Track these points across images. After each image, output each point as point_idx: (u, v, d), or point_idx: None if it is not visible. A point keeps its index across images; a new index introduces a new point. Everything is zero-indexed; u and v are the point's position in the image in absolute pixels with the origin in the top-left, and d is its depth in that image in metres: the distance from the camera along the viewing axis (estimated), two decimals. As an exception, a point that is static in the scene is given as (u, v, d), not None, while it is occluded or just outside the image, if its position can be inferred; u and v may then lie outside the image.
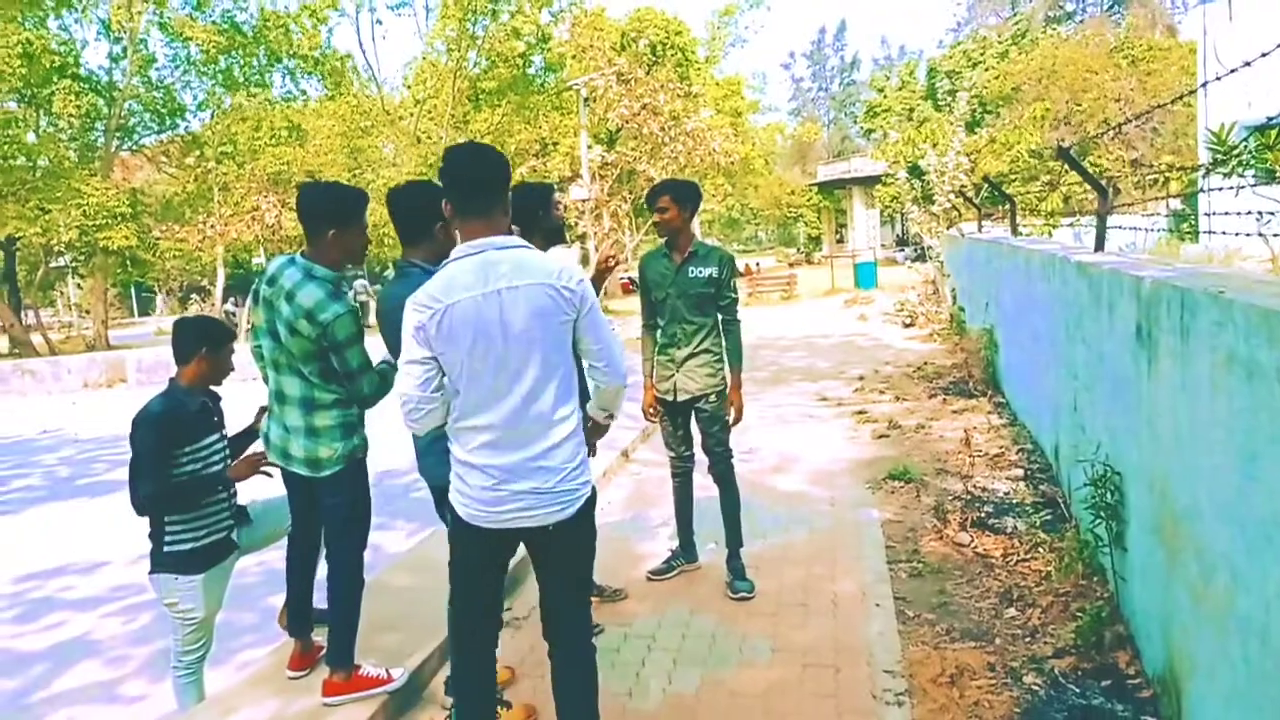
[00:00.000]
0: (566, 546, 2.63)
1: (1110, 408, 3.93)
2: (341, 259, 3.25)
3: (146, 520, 3.38)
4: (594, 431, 3.06)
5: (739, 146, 26.99)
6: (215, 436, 3.47)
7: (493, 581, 2.72)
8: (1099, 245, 4.89)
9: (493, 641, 2.79)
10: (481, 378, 2.43)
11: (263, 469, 3.45)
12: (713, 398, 4.39)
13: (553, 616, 2.73)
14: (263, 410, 3.63)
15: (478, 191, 2.47)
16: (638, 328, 4.66)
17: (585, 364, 2.68)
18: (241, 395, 4.40)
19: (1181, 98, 4.94)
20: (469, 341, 2.39)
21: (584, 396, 2.87)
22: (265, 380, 3.41)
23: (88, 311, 34.08)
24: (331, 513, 3.35)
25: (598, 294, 4.18)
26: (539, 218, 3.78)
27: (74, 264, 30.80)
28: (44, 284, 31.99)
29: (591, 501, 2.64)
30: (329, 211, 3.20)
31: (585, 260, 23.77)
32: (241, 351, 3.58)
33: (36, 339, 27.08)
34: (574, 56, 26.15)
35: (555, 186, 4.11)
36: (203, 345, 3.39)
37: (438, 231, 3.13)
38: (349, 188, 3.41)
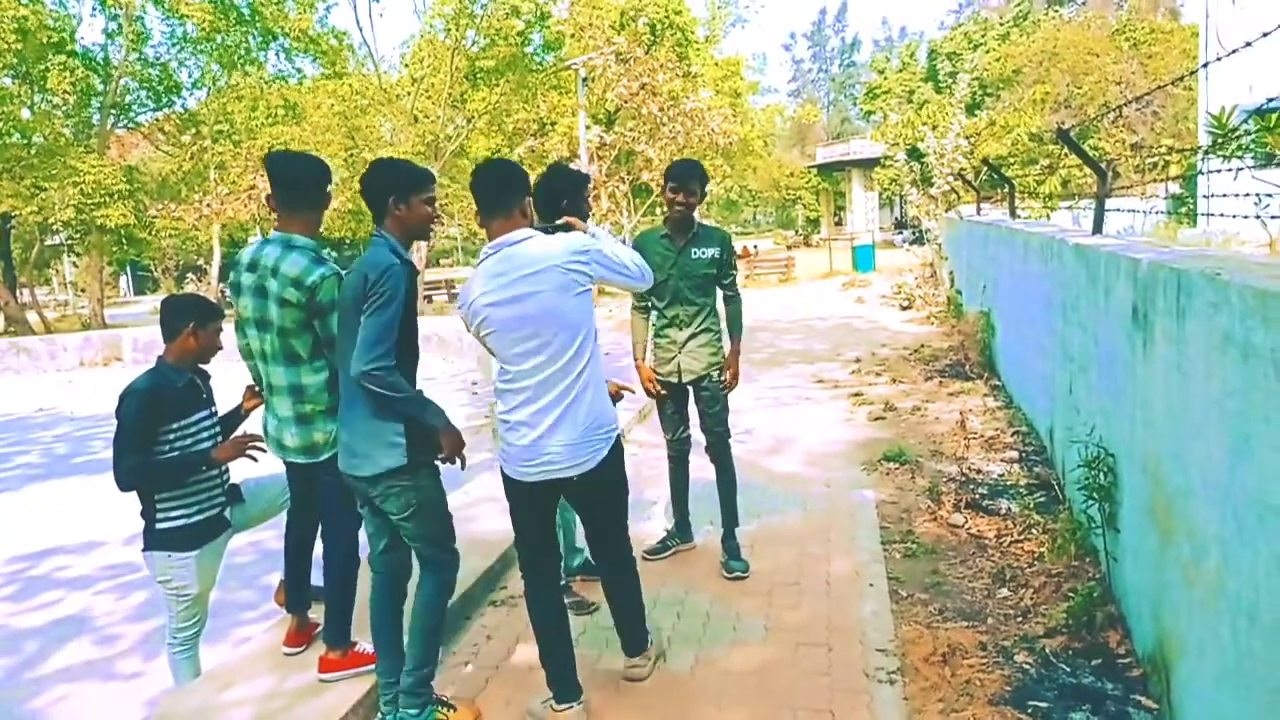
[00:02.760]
0: (596, 490, 3.11)
1: (1105, 390, 3.94)
2: (316, 226, 3.31)
3: (138, 498, 3.39)
4: None
5: (738, 127, 26.82)
6: (204, 413, 3.46)
7: (541, 524, 3.17)
8: (1097, 228, 4.88)
9: (556, 574, 3.32)
10: (516, 352, 2.90)
11: (249, 452, 3.44)
12: (715, 376, 4.40)
13: (596, 545, 3.35)
14: (250, 389, 3.63)
15: (493, 198, 2.97)
16: (628, 309, 4.62)
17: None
18: (231, 376, 4.39)
19: (1182, 79, 4.93)
20: (501, 326, 2.88)
21: None
22: (252, 375, 3.43)
23: (83, 290, 33.97)
24: (328, 491, 3.36)
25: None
26: (562, 208, 3.51)
27: (69, 242, 30.63)
28: (39, 262, 31.81)
29: (616, 450, 3.09)
30: (298, 179, 3.25)
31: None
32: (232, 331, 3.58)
33: (32, 317, 27.00)
34: (573, 35, 25.98)
35: (587, 178, 3.84)
36: (190, 321, 3.39)
37: (391, 206, 3.06)
38: (312, 156, 3.42)
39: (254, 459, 3.46)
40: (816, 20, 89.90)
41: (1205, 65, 3.65)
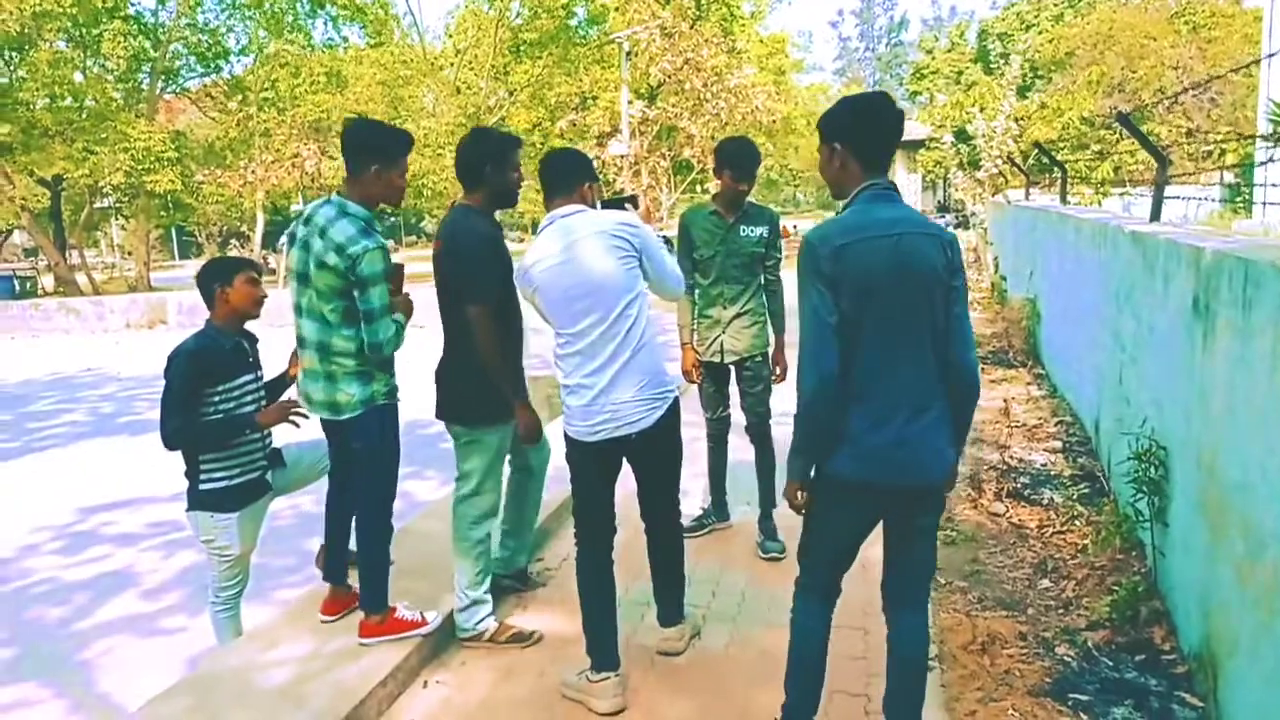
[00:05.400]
0: (653, 449, 3.18)
1: (1159, 381, 3.85)
2: (380, 197, 3.26)
3: (183, 458, 3.45)
4: None
5: (781, 106, 26.54)
6: (250, 376, 3.51)
7: (602, 488, 3.21)
8: (1155, 215, 4.76)
9: (610, 540, 3.26)
10: (568, 314, 3.01)
11: (291, 417, 3.47)
12: (758, 358, 4.36)
13: (648, 507, 3.36)
14: (294, 355, 3.66)
15: (558, 179, 3.16)
16: None
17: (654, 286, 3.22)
18: (279, 341, 4.44)
19: (1245, 67, 4.77)
20: (552, 289, 3.02)
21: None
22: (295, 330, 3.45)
23: (130, 253, 34.55)
24: (355, 457, 3.38)
25: None
26: (485, 175, 3.43)
27: (118, 205, 31.16)
28: (88, 224, 32.39)
29: (674, 410, 3.17)
30: (376, 147, 3.21)
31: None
32: (285, 297, 3.60)
33: (80, 278, 27.56)
34: (617, 9, 25.80)
35: (519, 142, 3.64)
36: (215, 283, 3.45)
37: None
38: (395, 127, 3.39)
39: (296, 424, 3.49)
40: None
41: (1270, 56, 3.53)
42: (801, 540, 2.71)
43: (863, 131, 2.45)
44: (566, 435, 3.17)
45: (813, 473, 2.52)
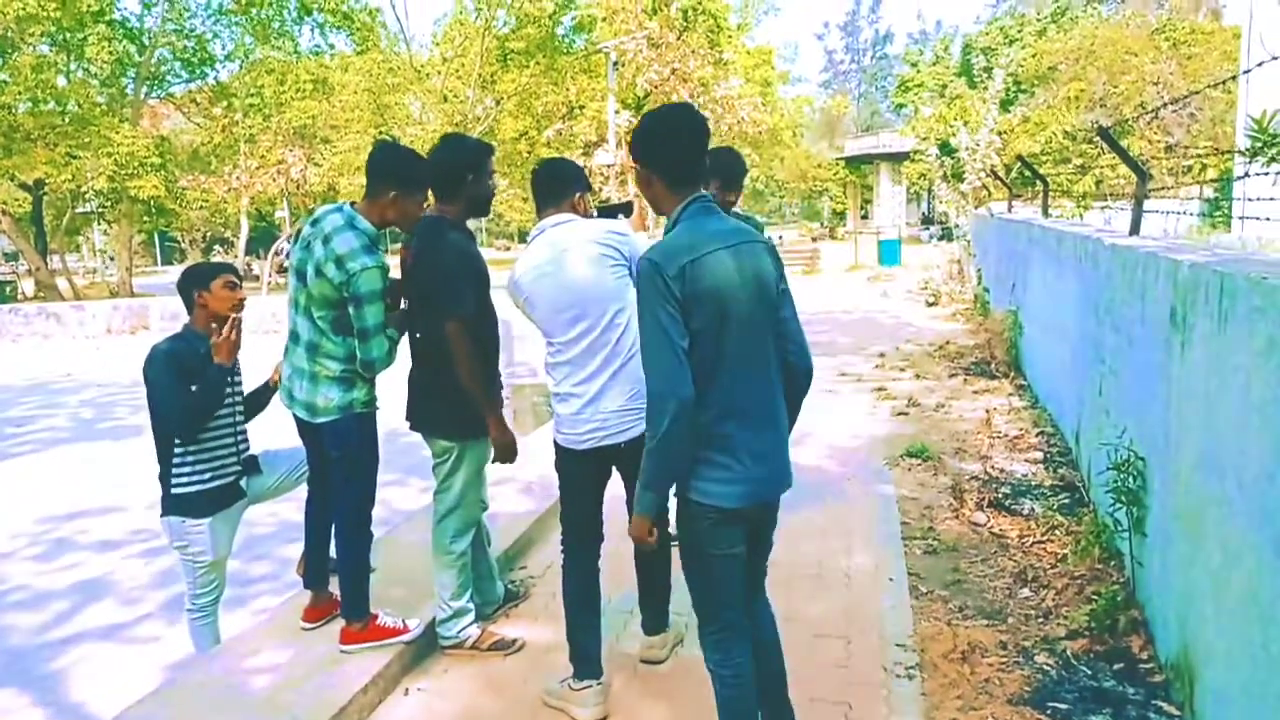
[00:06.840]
0: (641, 458, 2.97)
1: (1138, 392, 3.88)
2: (393, 222, 3.27)
3: (158, 460, 3.46)
4: None
5: (767, 117, 26.68)
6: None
7: (590, 496, 3.23)
8: (1135, 229, 4.81)
9: (597, 548, 3.27)
10: (558, 323, 3.04)
11: (234, 317, 3.46)
12: None
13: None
14: (278, 366, 3.66)
15: (548, 190, 3.18)
16: None
17: None
18: (264, 346, 4.42)
19: (1223, 82, 4.85)
20: (542, 298, 3.05)
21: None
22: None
23: (112, 258, 34.31)
24: (333, 466, 3.38)
25: None
26: (465, 184, 3.34)
27: (100, 210, 30.99)
28: (70, 229, 32.15)
29: None
30: (397, 174, 3.23)
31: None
32: (269, 304, 3.60)
33: (61, 283, 27.34)
34: (604, 19, 25.90)
35: (493, 149, 3.59)
36: (194, 289, 3.49)
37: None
38: (423, 158, 3.36)
39: (239, 314, 3.50)
40: (851, 10, 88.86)
41: (1247, 72, 3.58)
42: (699, 587, 2.57)
43: (661, 151, 2.38)
44: (556, 443, 3.17)
45: (686, 509, 2.42)
